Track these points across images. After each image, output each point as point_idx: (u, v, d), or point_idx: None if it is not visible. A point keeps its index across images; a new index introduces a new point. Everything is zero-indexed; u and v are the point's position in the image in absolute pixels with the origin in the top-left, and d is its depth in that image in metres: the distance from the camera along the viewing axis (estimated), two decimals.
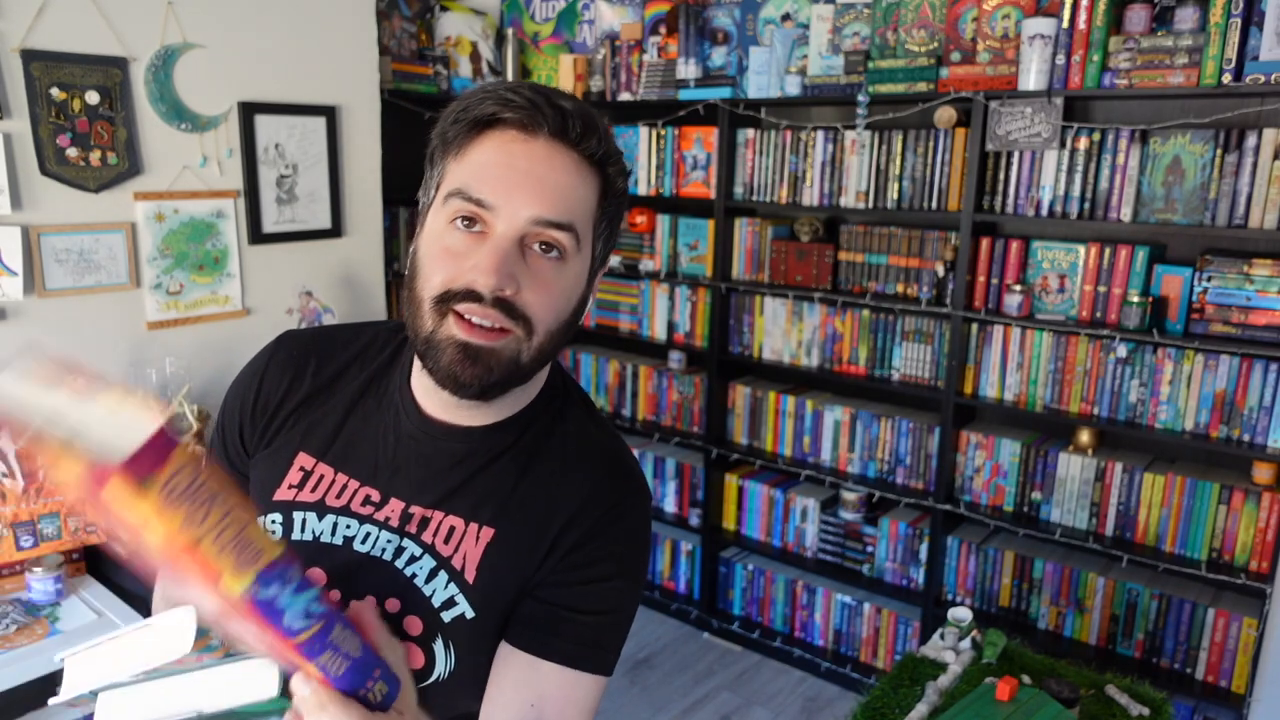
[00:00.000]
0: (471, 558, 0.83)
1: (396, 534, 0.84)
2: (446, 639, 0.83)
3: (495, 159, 0.76)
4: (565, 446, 0.89)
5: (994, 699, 1.51)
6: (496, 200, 0.75)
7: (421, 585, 0.83)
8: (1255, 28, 2.11)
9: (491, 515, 0.84)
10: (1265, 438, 2.25)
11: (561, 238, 0.77)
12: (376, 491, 0.85)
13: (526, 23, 3.46)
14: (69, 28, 2.04)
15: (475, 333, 0.76)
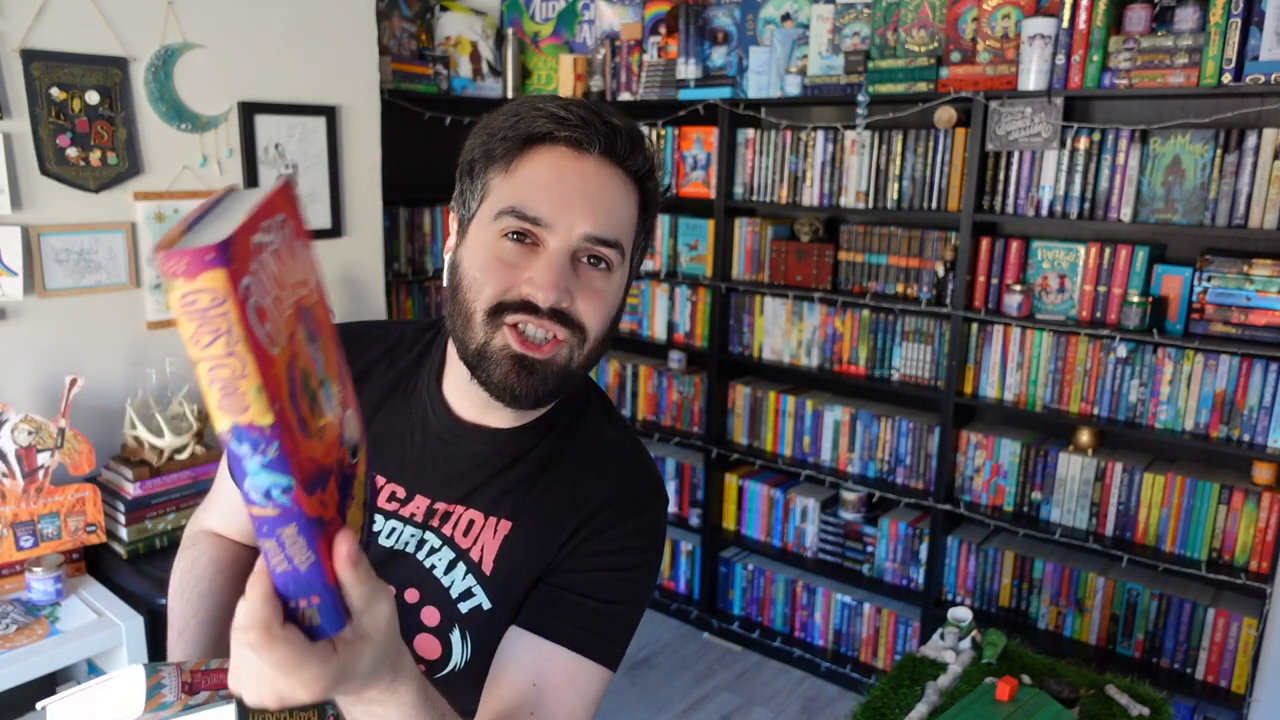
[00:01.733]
0: (489, 550, 0.85)
1: (420, 528, 0.86)
2: (463, 630, 0.85)
3: (548, 176, 0.78)
4: (585, 447, 0.91)
5: (994, 699, 1.51)
6: (551, 217, 0.77)
7: (440, 576, 0.85)
8: (1255, 28, 2.11)
9: (510, 510, 0.86)
10: (1265, 438, 2.25)
11: (610, 254, 0.81)
12: (402, 488, 0.87)
13: (526, 23, 3.46)
14: (69, 28, 2.04)
15: (529, 346, 0.78)
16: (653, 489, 0.91)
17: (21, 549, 1.95)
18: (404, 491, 0.87)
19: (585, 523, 0.86)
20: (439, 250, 3.19)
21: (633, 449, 0.94)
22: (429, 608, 0.84)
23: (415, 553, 0.85)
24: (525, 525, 0.86)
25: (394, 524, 0.86)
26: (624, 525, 0.87)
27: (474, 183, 0.82)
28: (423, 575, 0.85)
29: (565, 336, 0.79)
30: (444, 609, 0.84)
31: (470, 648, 0.85)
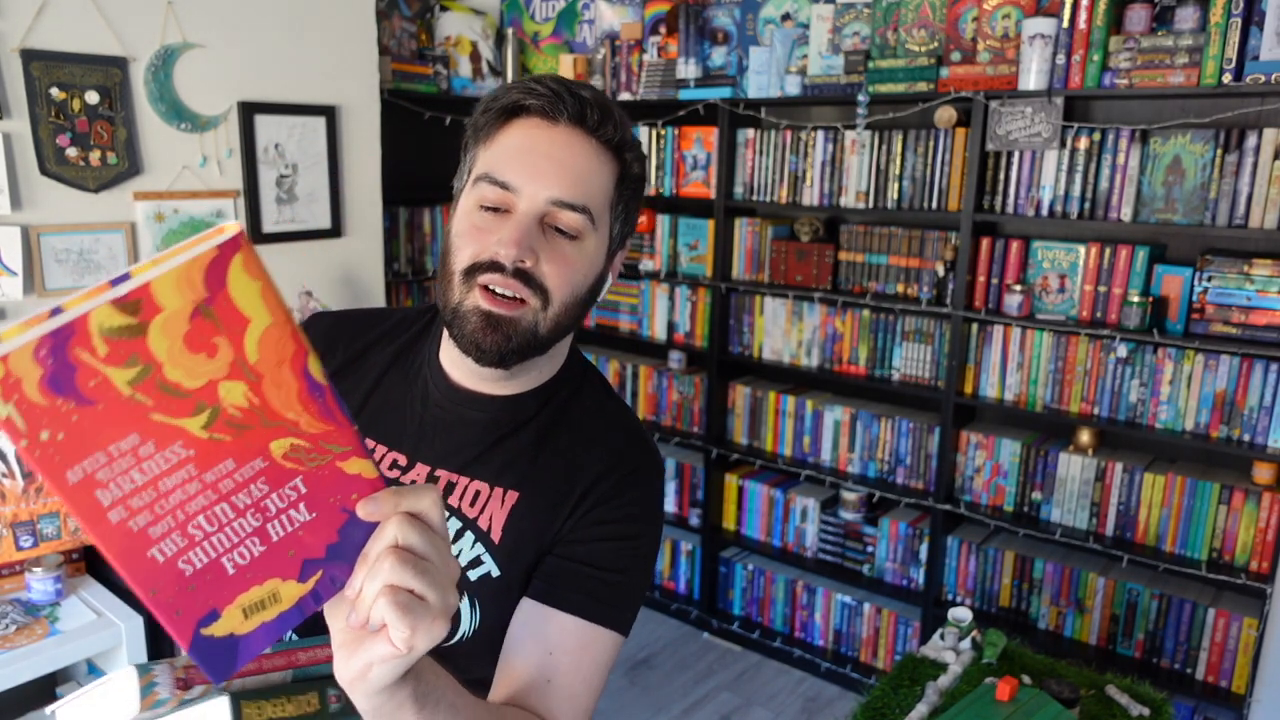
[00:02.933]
0: (497, 519, 0.87)
1: None
2: (472, 597, 0.87)
3: (519, 144, 0.83)
4: (584, 419, 0.94)
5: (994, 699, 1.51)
6: (519, 182, 0.82)
7: None
8: (1255, 27, 2.11)
9: (515, 480, 0.89)
10: (1265, 438, 2.25)
11: (577, 219, 0.83)
12: (404, 456, 0.90)
13: (526, 22, 3.46)
14: (69, 28, 2.04)
15: (497, 303, 0.82)
16: (652, 461, 0.95)
17: (21, 549, 1.95)
18: (405, 459, 0.90)
19: (588, 493, 0.89)
20: (439, 250, 3.18)
21: (632, 422, 0.97)
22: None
23: None
24: (532, 495, 0.88)
25: None
26: (627, 495, 0.89)
27: (465, 157, 0.88)
28: None
29: (528, 297, 0.82)
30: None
31: (479, 616, 0.87)
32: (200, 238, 0.47)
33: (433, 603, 0.57)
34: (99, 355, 0.43)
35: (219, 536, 0.51)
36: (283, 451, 0.52)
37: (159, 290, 0.44)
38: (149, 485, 0.47)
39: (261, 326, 0.49)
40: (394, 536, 0.56)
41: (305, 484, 0.54)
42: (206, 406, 0.48)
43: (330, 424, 0.53)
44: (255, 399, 0.49)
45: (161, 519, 0.48)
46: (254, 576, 0.53)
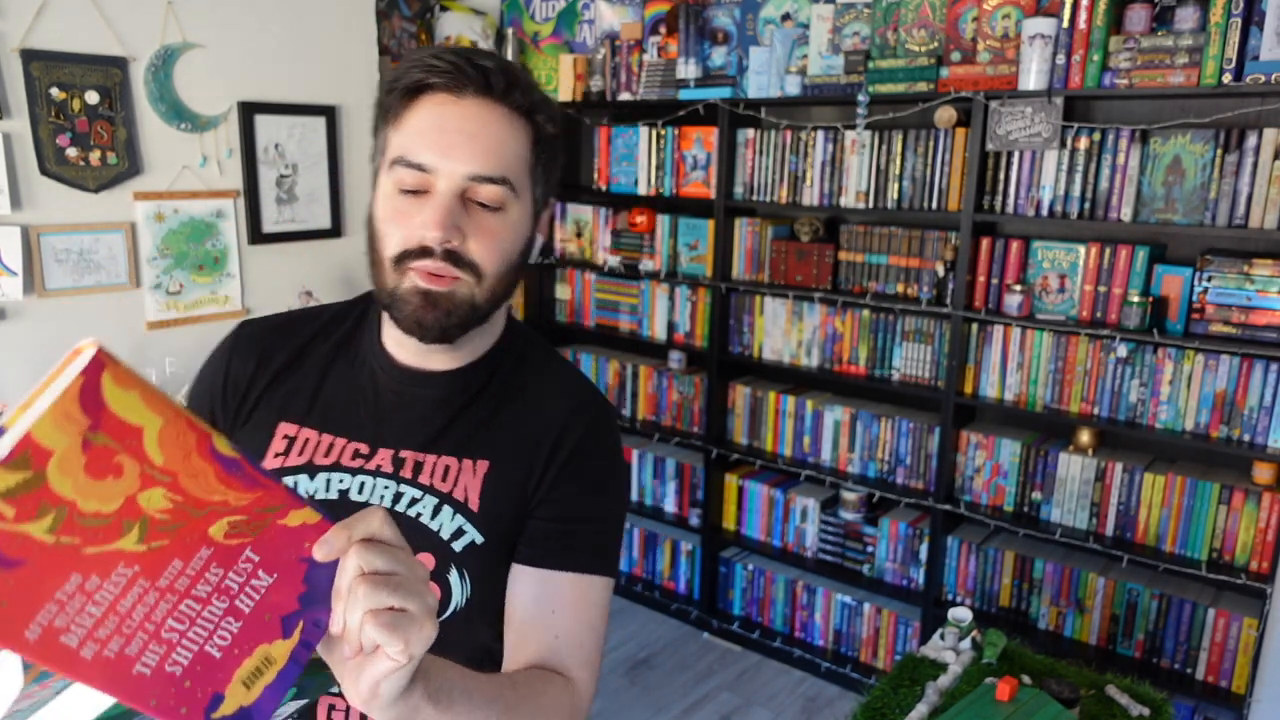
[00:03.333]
0: (473, 489, 0.89)
1: (392, 480, 0.89)
2: (460, 568, 0.88)
3: (429, 123, 0.82)
4: (536, 381, 0.96)
5: (994, 699, 1.51)
6: (435, 162, 0.81)
7: (428, 522, 0.88)
8: (1255, 27, 2.11)
9: (482, 449, 0.91)
10: (1265, 438, 2.25)
11: (497, 191, 0.83)
12: (364, 444, 0.90)
13: (526, 22, 3.46)
14: (69, 28, 2.04)
15: (433, 280, 0.83)
16: (607, 409, 0.98)
17: None
18: (367, 447, 0.90)
19: (556, 450, 0.92)
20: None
21: (580, 377, 1.00)
22: (421, 555, 0.86)
23: (394, 506, 0.88)
24: (502, 461, 0.91)
25: (362, 479, 0.88)
26: (592, 448, 0.93)
27: (377, 139, 0.87)
28: (408, 526, 0.86)
29: (461, 276, 0.83)
30: (437, 552, 0.87)
31: (469, 585, 0.89)
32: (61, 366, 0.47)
33: (415, 611, 0.59)
34: (8, 519, 0.43)
35: (194, 630, 0.52)
36: (223, 532, 0.53)
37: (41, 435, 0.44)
38: (109, 613, 0.48)
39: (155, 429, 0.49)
40: (357, 566, 0.58)
41: (256, 552, 0.55)
42: (133, 523, 0.48)
43: (256, 490, 0.54)
44: (177, 497, 0.50)
45: (133, 637, 0.49)
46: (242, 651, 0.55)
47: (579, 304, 3.56)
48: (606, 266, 3.42)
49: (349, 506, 0.85)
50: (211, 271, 2.37)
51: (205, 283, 2.37)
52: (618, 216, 3.40)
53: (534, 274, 3.59)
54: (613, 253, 3.42)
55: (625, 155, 3.32)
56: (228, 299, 2.41)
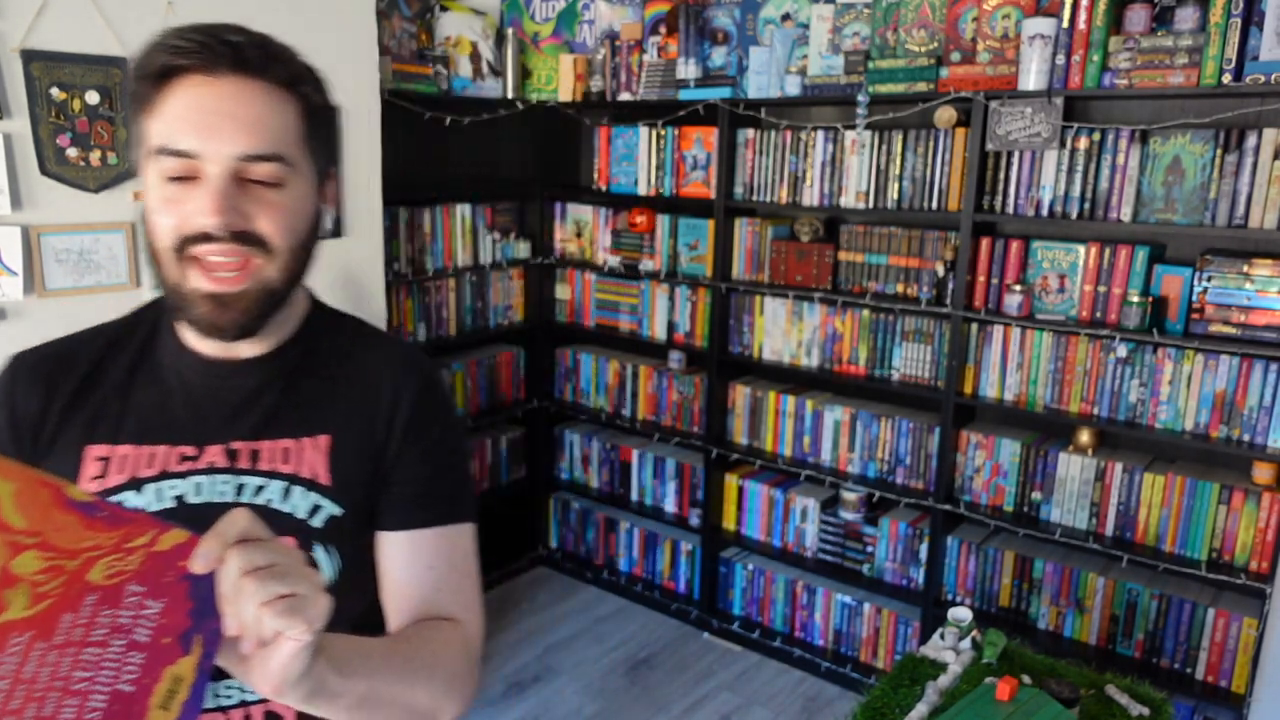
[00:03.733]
0: (319, 464, 0.89)
1: (229, 473, 0.86)
2: (324, 544, 0.88)
3: (187, 108, 0.79)
4: (355, 349, 0.96)
5: (994, 699, 1.51)
6: (199, 147, 0.78)
7: (280, 506, 0.87)
8: (1255, 28, 2.11)
9: (318, 425, 0.90)
10: (1265, 438, 2.25)
11: (272, 168, 0.81)
12: (189, 446, 0.87)
13: (526, 23, 3.46)
14: (69, 28, 2.04)
15: (218, 281, 0.81)
16: (430, 364, 0.99)
17: None
18: (193, 449, 0.87)
19: (395, 416, 0.92)
20: (439, 250, 3.19)
21: (400, 341, 1.01)
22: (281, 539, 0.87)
23: (238, 498, 0.86)
24: (343, 432, 0.90)
25: (196, 480, 0.86)
26: (431, 406, 0.94)
27: (132, 130, 0.83)
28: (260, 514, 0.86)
29: (251, 256, 0.81)
30: (297, 533, 0.86)
31: (338, 558, 0.89)
32: None
33: (304, 591, 0.62)
34: None
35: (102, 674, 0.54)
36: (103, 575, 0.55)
37: None
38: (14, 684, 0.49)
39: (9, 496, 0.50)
40: (238, 567, 0.61)
41: (139, 584, 0.57)
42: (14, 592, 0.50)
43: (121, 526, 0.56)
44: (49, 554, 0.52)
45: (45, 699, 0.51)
46: (151, 679, 0.57)
47: (579, 304, 3.56)
48: (606, 266, 3.42)
49: (189, 511, 0.84)
50: None
51: None
52: (618, 216, 3.40)
53: (534, 274, 3.59)
54: (613, 253, 3.42)
55: (625, 155, 3.33)
56: None
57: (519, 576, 3.72)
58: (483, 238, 3.34)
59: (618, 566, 3.61)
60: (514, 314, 3.55)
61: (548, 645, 3.21)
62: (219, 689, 0.86)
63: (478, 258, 3.34)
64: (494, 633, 3.28)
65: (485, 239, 3.35)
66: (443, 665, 0.87)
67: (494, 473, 3.54)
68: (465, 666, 0.90)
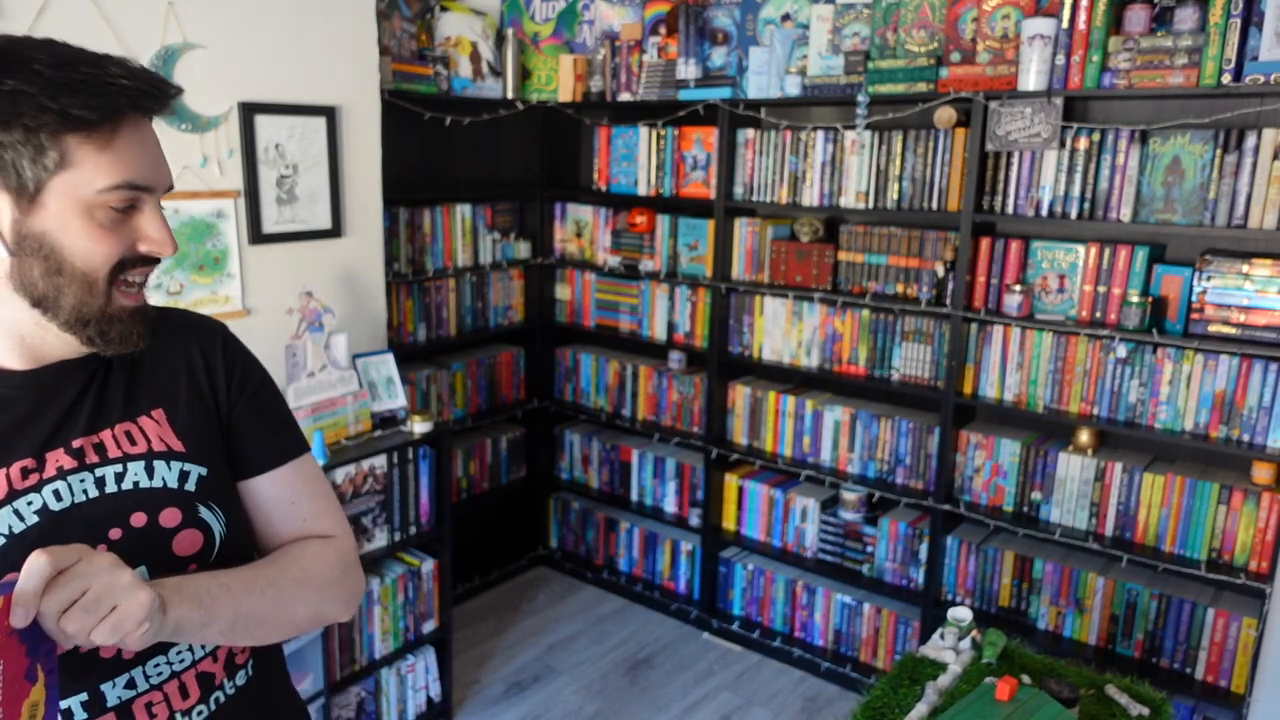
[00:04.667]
0: (167, 435, 0.93)
1: (83, 470, 0.86)
2: (205, 503, 0.93)
3: (139, 146, 0.83)
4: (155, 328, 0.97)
5: (994, 699, 1.51)
6: (153, 181, 0.85)
7: (149, 484, 0.90)
8: (1255, 28, 2.11)
9: (149, 402, 0.94)
10: (1265, 438, 2.25)
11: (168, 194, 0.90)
12: (28, 460, 0.84)
13: (526, 23, 3.46)
14: (69, 28, 2.04)
15: (137, 299, 0.87)
16: (224, 326, 1.06)
17: None
18: (31, 461, 0.84)
19: (214, 375, 0.99)
20: (439, 251, 3.19)
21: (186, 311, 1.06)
22: (164, 512, 0.89)
23: (102, 491, 0.86)
24: (171, 401, 0.95)
25: (53, 486, 0.84)
26: (237, 357, 1.03)
27: (31, 148, 0.77)
28: (131, 498, 0.88)
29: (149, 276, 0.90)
30: (177, 501, 0.90)
31: (221, 513, 0.95)
32: None
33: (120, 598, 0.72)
34: None
35: None
36: None
37: None
38: None
39: None
40: (52, 612, 0.70)
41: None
42: None
43: None
44: None
45: None
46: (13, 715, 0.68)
47: (579, 304, 3.57)
48: (606, 267, 3.42)
49: (57, 519, 0.84)
50: (212, 272, 2.37)
51: (206, 283, 2.37)
52: (618, 217, 3.41)
53: (534, 274, 3.59)
54: (613, 253, 3.42)
55: (625, 155, 3.33)
56: (228, 299, 2.41)
57: (519, 576, 3.72)
58: (483, 238, 3.34)
59: (618, 566, 3.61)
60: (514, 314, 3.55)
61: (548, 645, 3.22)
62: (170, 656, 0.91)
63: (478, 258, 3.34)
64: (494, 633, 3.28)
65: (485, 239, 3.35)
66: (315, 577, 0.99)
67: (494, 473, 3.54)
68: (340, 573, 1.03)
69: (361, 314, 2.77)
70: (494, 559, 3.65)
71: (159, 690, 0.89)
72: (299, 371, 2.35)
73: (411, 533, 2.60)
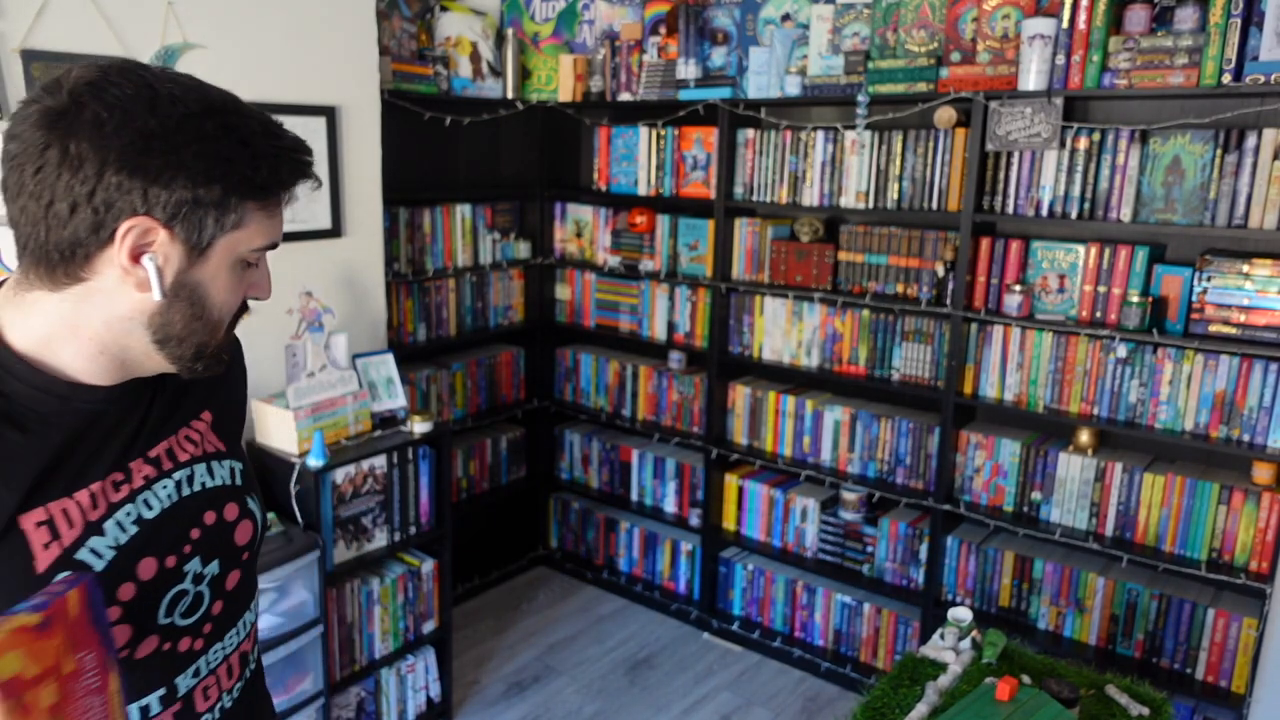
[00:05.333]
0: (211, 437, 1.00)
1: (163, 478, 0.93)
2: (250, 494, 1.02)
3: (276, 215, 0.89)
4: None
5: (994, 699, 1.51)
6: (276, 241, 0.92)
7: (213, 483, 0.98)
8: (1255, 28, 2.11)
9: (198, 407, 1.00)
10: (1265, 438, 2.25)
11: None
12: (117, 473, 0.88)
13: (526, 23, 3.46)
14: (69, 28, 2.04)
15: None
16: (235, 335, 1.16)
17: None
18: (120, 475, 0.88)
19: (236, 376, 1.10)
20: (439, 251, 3.19)
21: None
22: (226, 507, 0.97)
23: (180, 495, 0.93)
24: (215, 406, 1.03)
25: (143, 496, 0.90)
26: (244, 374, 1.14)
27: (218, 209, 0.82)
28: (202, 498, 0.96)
29: None
30: (233, 497, 0.99)
31: (259, 502, 1.04)
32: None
33: None
34: None
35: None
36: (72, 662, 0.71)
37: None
38: None
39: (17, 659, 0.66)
40: None
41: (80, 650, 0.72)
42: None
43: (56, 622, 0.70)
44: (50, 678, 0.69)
45: None
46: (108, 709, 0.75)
47: (579, 304, 3.57)
48: (606, 267, 3.42)
49: (151, 526, 0.89)
50: None
51: None
52: (618, 216, 3.41)
53: (534, 274, 3.59)
54: (613, 253, 3.42)
55: (625, 155, 3.33)
56: None
57: (519, 576, 3.72)
58: (483, 238, 3.34)
59: (618, 566, 3.61)
60: (514, 314, 3.55)
61: (548, 645, 3.21)
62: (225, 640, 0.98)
63: (478, 258, 3.34)
64: (494, 633, 3.28)
65: (485, 239, 3.35)
66: None
67: (494, 473, 3.54)
68: None
69: (361, 314, 2.77)
70: (494, 559, 3.65)
71: (214, 674, 0.96)
72: (299, 371, 2.35)
73: (411, 533, 2.60)
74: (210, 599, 0.93)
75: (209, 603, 0.93)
